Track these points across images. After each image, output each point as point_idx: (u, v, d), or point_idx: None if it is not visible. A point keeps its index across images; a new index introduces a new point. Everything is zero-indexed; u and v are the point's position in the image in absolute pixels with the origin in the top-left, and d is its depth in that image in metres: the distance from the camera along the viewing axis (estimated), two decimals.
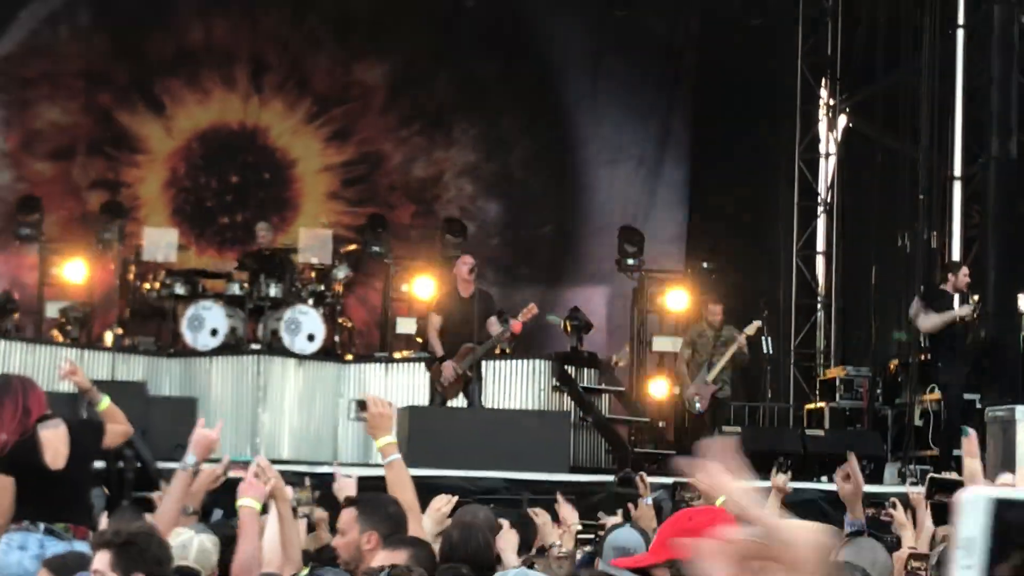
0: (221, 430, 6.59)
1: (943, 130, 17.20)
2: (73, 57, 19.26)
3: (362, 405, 6.07)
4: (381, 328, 18.29)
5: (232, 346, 15.94)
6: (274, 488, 5.86)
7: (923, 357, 16.26)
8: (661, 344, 18.48)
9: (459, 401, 14.67)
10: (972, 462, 5.26)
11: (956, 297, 14.66)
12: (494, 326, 14.36)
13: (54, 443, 7.55)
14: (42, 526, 7.38)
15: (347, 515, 5.80)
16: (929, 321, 14.41)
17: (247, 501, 5.82)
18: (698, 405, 15.43)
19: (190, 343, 15.90)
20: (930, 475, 9.24)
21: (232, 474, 6.33)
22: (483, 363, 14.74)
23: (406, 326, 17.59)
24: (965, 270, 14.64)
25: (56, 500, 7.53)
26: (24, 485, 7.46)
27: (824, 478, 13.31)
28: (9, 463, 7.42)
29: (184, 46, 19.55)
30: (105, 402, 8.16)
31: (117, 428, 8.08)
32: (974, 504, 1.26)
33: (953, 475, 8.89)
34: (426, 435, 13.71)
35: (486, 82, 20.21)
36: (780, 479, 8.23)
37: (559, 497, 9.34)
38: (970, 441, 5.37)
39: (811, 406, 17.57)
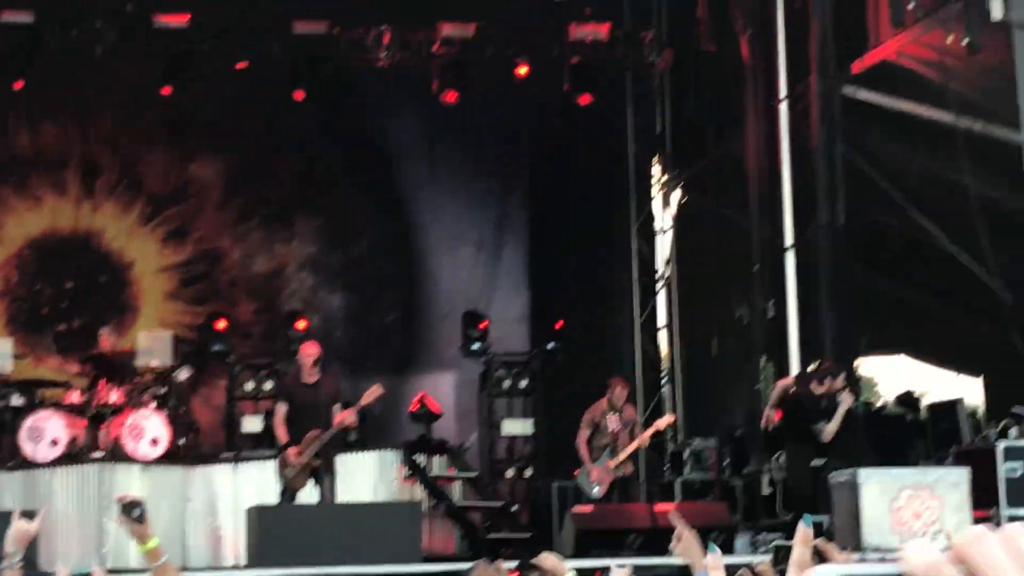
0: (61, 536, 6.42)
1: (773, 200, 17.53)
2: None
3: (131, 507, 5.85)
4: (227, 428, 18.08)
5: (73, 455, 15.64)
6: None
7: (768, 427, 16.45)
8: (511, 427, 18.50)
9: (310, 495, 14.51)
10: (801, 551, 5.25)
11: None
12: (339, 413, 14.26)
13: None
14: None
15: None
16: (828, 431, 14.38)
17: None
18: (596, 490, 15.17)
19: (30, 455, 15.58)
20: (775, 543, 9.33)
21: None
22: (334, 457, 14.61)
23: (252, 424, 17.41)
24: (844, 376, 14.67)
25: None
26: None
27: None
28: None
29: (12, 152, 19.30)
30: None
31: None
32: None
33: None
34: (275, 534, 13.55)
35: (324, 173, 20.19)
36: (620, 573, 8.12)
37: None
38: (805, 532, 5.38)
39: None
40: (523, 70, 19.10)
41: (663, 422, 15.84)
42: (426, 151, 20.54)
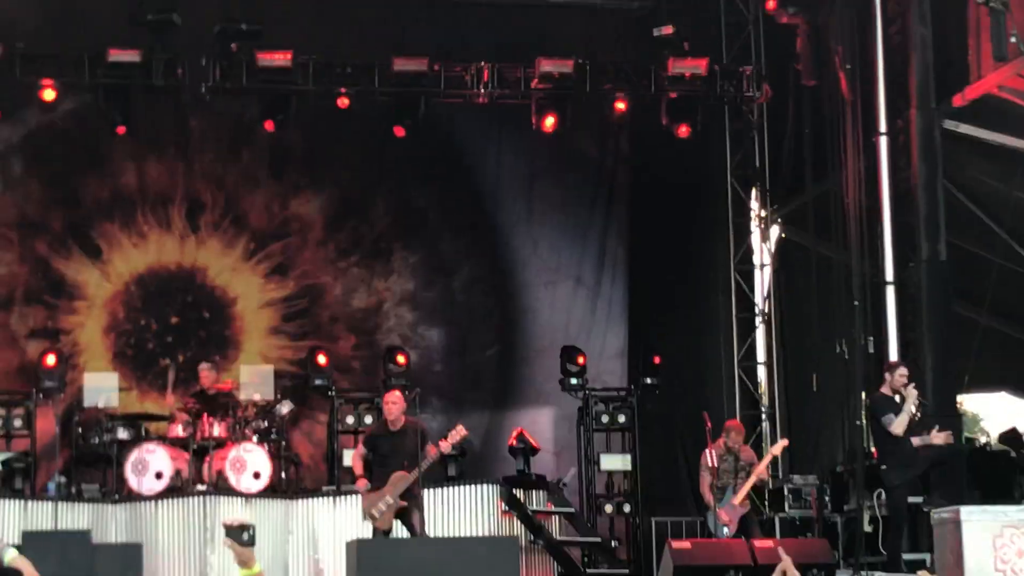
0: (164, 568, 6.49)
1: (873, 235, 17.42)
2: (7, 207, 19.28)
3: (240, 530, 5.88)
4: (328, 462, 18.21)
5: (177, 488, 15.84)
6: None
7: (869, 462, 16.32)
8: (609, 463, 18.49)
9: (399, 532, 14.53)
10: None
11: (897, 397, 14.63)
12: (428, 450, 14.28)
13: None
14: None
15: None
16: (899, 424, 14.26)
17: None
18: (726, 530, 15.09)
19: (135, 488, 15.80)
20: None
21: None
22: (426, 491, 14.63)
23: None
24: (902, 370, 14.64)
25: None
26: None
27: None
28: None
29: (118, 190, 19.58)
30: (10, 554, 8.12)
31: None
32: None
33: None
34: (376, 568, 13.60)
35: (422, 209, 20.33)
36: None
37: None
38: None
39: None
40: (621, 105, 19.13)
41: (777, 448, 15.70)
42: (524, 186, 20.64)
